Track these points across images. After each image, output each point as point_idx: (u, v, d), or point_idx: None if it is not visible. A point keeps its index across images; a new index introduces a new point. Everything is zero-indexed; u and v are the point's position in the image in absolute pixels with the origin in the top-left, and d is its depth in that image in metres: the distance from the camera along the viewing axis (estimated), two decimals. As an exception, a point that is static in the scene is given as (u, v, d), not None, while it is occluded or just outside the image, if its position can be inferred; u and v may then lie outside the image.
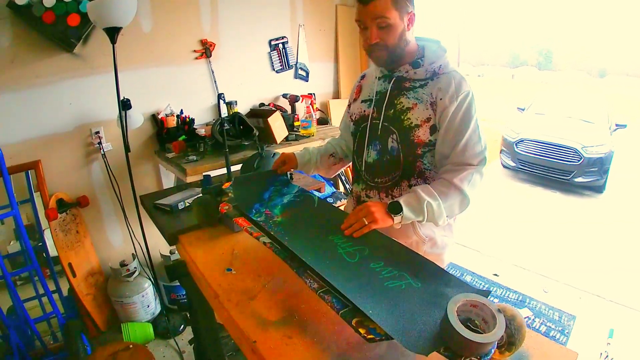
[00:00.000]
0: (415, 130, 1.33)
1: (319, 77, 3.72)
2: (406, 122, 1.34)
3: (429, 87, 1.32)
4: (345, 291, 0.98)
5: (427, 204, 1.24)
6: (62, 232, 2.57)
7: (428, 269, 1.11)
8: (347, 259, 1.15)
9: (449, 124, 1.30)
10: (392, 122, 1.37)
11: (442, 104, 1.29)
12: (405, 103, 1.35)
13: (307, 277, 1.09)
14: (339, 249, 1.19)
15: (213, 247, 1.62)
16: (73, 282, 2.56)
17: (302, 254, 1.14)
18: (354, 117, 1.52)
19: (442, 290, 1.02)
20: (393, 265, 1.10)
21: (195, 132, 2.81)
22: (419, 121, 1.32)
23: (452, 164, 1.32)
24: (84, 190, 2.74)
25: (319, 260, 1.12)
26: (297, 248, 1.18)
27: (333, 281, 1.02)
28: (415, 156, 1.37)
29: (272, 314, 1.19)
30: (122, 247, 2.95)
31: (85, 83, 2.60)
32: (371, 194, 1.50)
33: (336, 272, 1.07)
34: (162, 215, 1.97)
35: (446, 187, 1.28)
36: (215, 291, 1.32)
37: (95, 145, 2.69)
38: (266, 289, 1.32)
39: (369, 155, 1.46)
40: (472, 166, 1.30)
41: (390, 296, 0.99)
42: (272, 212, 1.41)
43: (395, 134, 1.37)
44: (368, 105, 1.45)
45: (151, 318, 2.92)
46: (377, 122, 1.40)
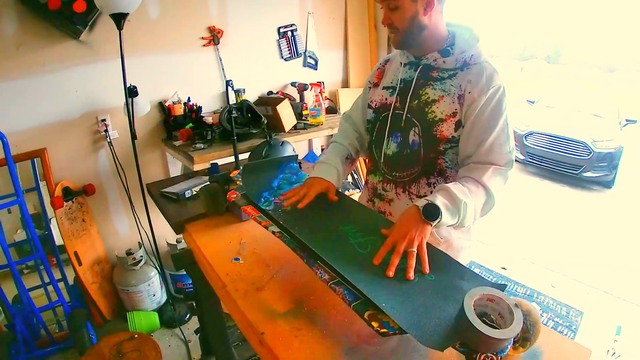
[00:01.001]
0: (439, 125, 1.24)
1: (328, 66, 3.65)
2: (430, 116, 1.25)
3: (458, 78, 1.23)
4: (357, 283, 0.95)
5: (463, 205, 1.12)
6: (68, 221, 2.55)
7: (441, 261, 1.07)
8: (359, 249, 1.11)
9: (476, 120, 1.20)
10: (415, 115, 1.28)
11: (470, 98, 1.20)
12: (430, 94, 1.26)
13: (317, 268, 1.06)
14: (351, 239, 1.16)
15: (220, 236, 1.59)
16: (79, 271, 2.55)
17: (312, 244, 1.10)
18: (374, 104, 1.42)
19: (457, 283, 0.99)
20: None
21: (202, 120, 2.78)
22: (444, 115, 1.23)
23: (476, 162, 1.22)
24: (90, 178, 2.72)
25: (329, 251, 1.08)
26: (307, 238, 1.14)
27: (344, 272, 0.99)
28: (437, 152, 1.28)
29: (281, 305, 1.17)
30: (129, 236, 2.93)
31: (92, 70, 2.56)
32: (388, 187, 1.43)
33: (348, 263, 1.04)
34: (168, 203, 1.95)
35: (475, 185, 1.18)
36: (222, 281, 1.29)
37: (102, 133, 2.66)
38: (275, 279, 1.29)
39: (389, 147, 1.37)
40: (499, 166, 1.20)
41: (404, 289, 0.96)
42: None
43: (417, 127, 1.28)
44: (390, 93, 1.36)
45: (157, 307, 2.91)
46: (401, 112, 1.31)
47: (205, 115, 2.86)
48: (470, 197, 1.14)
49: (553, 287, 3.15)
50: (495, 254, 3.65)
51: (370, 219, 1.27)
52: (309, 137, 2.95)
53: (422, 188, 1.35)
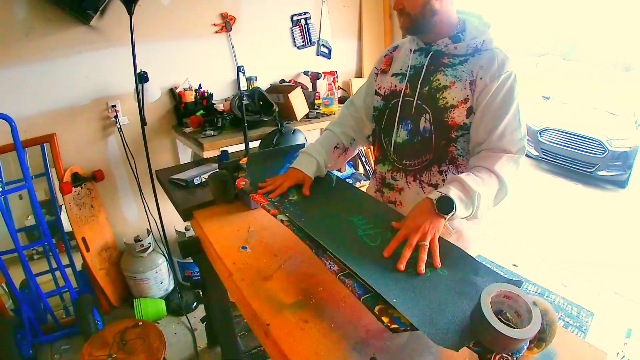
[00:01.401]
0: (451, 111, 1.22)
1: (342, 55, 3.57)
2: (441, 102, 1.23)
3: (469, 64, 1.21)
4: (368, 277, 0.92)
5: (477, 196, 1.09)
6: (77, 206, 2.55)
7: (454, 256, 1.03)
8: (369, 242, 1.08)
9: (487, 106, 1.18)
10: (426, 101, 1.26)
11: (481, 84, 1.18)
12: (442, 80, 1.24)
13: (326, 259, 1.03)
14: (360, 231, 1.12)
15: (228, 223, 1.56)
16: (86, 257, 2.55)
17: (320, 237, 1.07)
18: (383, 91, 1.40)
19: (471, 278, 0.96)
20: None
21: (213, 107, 2.75)
22: (456, 101, 1.21)
23: (488, 150, 1.20)
24: (99, 164, 2.71)
25: (338, 244, 1.05)
26: (315, 230, 1.11)
27: (353, 266, 0.96)
28: (449, 140, 1.26)
29: (288, 296, 1.14)
30: (137, 223, 2.93)
31: (102, 56, 2.54)
32: (398, 176, 1.40)
33: (357, 255, 1.01)
34: (177, 190, 1.93)
35: (487, 175, 1.16)
36: (228, 269, 1.27)
37: (112, 118, 2.65)
38: (282, 269, 1.26)
39: (399, 134, 1.34)
40: (511, 154, 1.18)
41: (415, 284, 0.92)
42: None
43: (428, 114, 1.26)
44: (400, 80, 1.34)
45: (164, 294, 2.91)
46: (411, 99, 1.29)
47: (216, 102, 2.83)
48: (484, 187, 1.12)
49: (564, 286, 3.09)
50: (506, 250, 3.59)
51: (379, 211, 1.23)
52: (321, 127, 2.89)
53: (434, 176, 1.33)
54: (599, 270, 3.33)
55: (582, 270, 3.31)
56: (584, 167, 5.60)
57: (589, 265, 3.41)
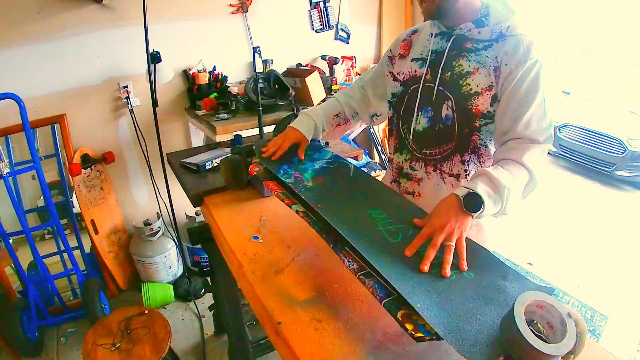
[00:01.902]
0: (475, 99, 1.17)
1: (360, 40, 3.48)
2: (465, 88, 1.18)
3: (493, 49, 1.15)
4: (390, 277, 0.85)
5: (507, 191, 1.02)
6: (86, 188, 2.52)
7: (480, 257, 0.96)
8: (389, 238, 1.00)
9: (513, 93, 1.12)
10: (449, 87, 1.20)
11: (506, 70, 1.12)
12: (465, 66, 1.18)
13: (345, 256, 0.96)
14: (379, 226, 1.05)
15: (240, 211, 1.51)
16: (95, 240, 2.52)
17: (339, 227, 1.00)
18: (402, 76, 1.34)
19: (499, 283, 0.88)
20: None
21: (227, 89, 2.69)
22: (480, 88, 1.16)
23: (515, 140, 1.14)
24: (110, 146, 2.68)
25: (357, 237, 0.98)
26: (334, 219, 1.03)
27: (376, 263, 0.89)
28: (472, 128, 1.21)
29: (301, 292, 1.08)
30: (147, 206, 2.90)
31: (114, 35, 2.49)
32: (417, 165, 1.35)
33: (377, 252, 0.93)
34: (188, 174, 1.88)
35: (516, 167, 1.09)
36: (239, 261, 1.21)
37: (123, 100, 2.61)
38: (295, 262, 1.20)
39: (418, 122, 1.29)
40: (539, 143, 1.12)
41: (440, 287, 0.85)
42: (302, 176, 1.27)
43: (451, 101, 1.20)
44: (420, 65, 1.28)
45: (172, 279, 2.88)
46: (432, 85, 1.24)
47: (230, 85, 2.77)
48: (513, 181, 1.05)
49: (579, 288, 3.00)
50: (520, 246, 3.51)
51: (399, 205, 1.16)
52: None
53: (456, 165, 1.27)
54: (612, 271, 3.24)
55: (596, 271, 3.22)
56: (602, 166, 5.42)
57: (603, 266, 3.32)
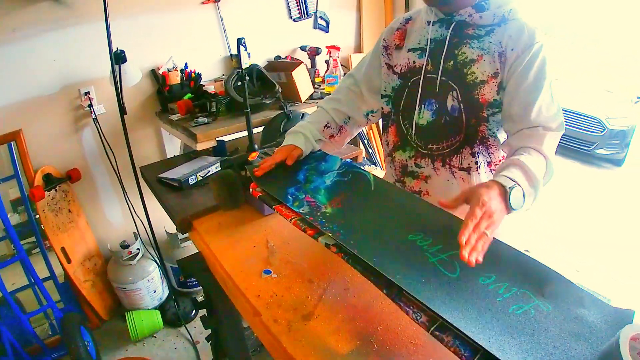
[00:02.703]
0: (481, 87, 1.11)
1: (340, 28, 3.25)
2: (470, 77, 1.12)
3: (496, 34, 1.09)
4: (472, 333, 0.66)
5: (540, 185, 0.98)
6: (52, 213, 2.23)
7: (549, 281, 0.80)
8: (447, 272, 0.80)
9: (520, 79, 1.07)
10: (452, 77, 1.14)
11: (512, 55, 1.07)
12: (468, 54, 1.12)
13: (406, 304, 0.74)
14: (430, 257, 0.84)
15: (240, 237, 1.25)
16: (68, 269, 2.26)
17: (388, 271, 0.78)
18: (399, 68, 1.25)
19: (578, 312, 0.74)
20: (506, 277, 0.79)
21: (203, 89, 2.43)
22: (485, 76, 1.10)
23: (529, 127, 1.08)
24: (74, 162, 2.39)
25: (412, 279, 0.77)
26: (373, 258, 0.82)
27: (449, 316, 0.69)
28: (479, 119, 1.15)
29: (341, 342, 0.85)
30: (122, 226, 2.62)
31: (72, 35, 2.22)
32: (423, 162, 1.27)
33: (445, 298, 0.73)
34: (169, 193, 1.62)
35: (539, 158, 1.04)
36: (254, 307, 0.96)
37: (85, 108, 2.32)
38: (324, 301, 0.96)
39: (421, 116, 1.22)
40: (552, 131, 1.08)
41: (526, 331, 0.68)
42: (317, 200, 1.04)
43: (456, 91, 1.14)
44: (419, 55, 1.20)
45: (158, 304, 2.62)
46: (434, 76, 1.17)
47: (205, 83, 2.51)
48: (542, 173, 1.01)
49: (577, 271, 2.93)
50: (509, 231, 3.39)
51: (439, 221, 0.96)
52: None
53: (466, 159, 1.21)
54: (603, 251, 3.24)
55: (588, 252, 3.21)
56: (582, 146, 5.55)
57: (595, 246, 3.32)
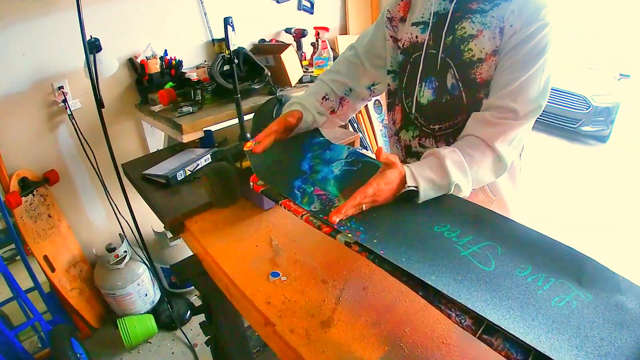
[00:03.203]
0: (478, 66, 1.03)
1: (326, 9, 3.11)
2: (466, 55, 1.04)
3: (501, 8, 1.01)
4: (517, 330, 0.59)
5: (455, 186, 0.92)
6: (31, 219, 2.08)
7: (585, 268, 0.73)
8: (481, 266, 0.72)
9: (513, 54, 0.99)
10: (450, 54, 1.07)
11: (510, 30, 0.99)
12: (467, 29, 1.04)
13: (447, 307, 0.65)
14: (461, 250, 0.75)
15: (240, 236, 1.13)
16: (52, 278, 2.11)
17: (421, 272, 0.69)
18: (403, 43, 1.17)
19: (617, 300, 0.68)
20: (542, 267, 0.72)
21: (185, 77, 2.28)
22: (483, 54, 1.02)
23: (495, 108, 1.00)
24: (51, 163, 2.23)
25: (449, 278, 0.68)
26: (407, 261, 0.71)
27: (495, 318, 0.61)
28: (479, 99, 1.06)
29: (369, 349, 0.75)
30: (107, 227, 2.48)
31: (41, 24, 2.04)
32: (427, 142, 1.21)
33: (484, 295, 0.66)
34: (155, 191, 1.48)
35: (481, 151, 0.98)
36: (265, 316, 0.84)
37: (60, 104, 2.15)
38: (343, 304, 0.86)
39: (422, 94, 1.15)
40: (518, 119, 0.99)
41: (571, 324, 0.63)
42: (327, 192, 0.93)
43: (452, 69, 1.07)
44: (422, 30, 1.13)
45: (151, 308, 2.49)
46: (435, 52, 1.09)
47: (187, 71, 2.35)
48: (469, 170, 0.95)
49: None
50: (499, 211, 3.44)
51: (466, 211, 0.88)
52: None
53: None
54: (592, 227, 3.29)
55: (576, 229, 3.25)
56: (567, 123, 5.64)
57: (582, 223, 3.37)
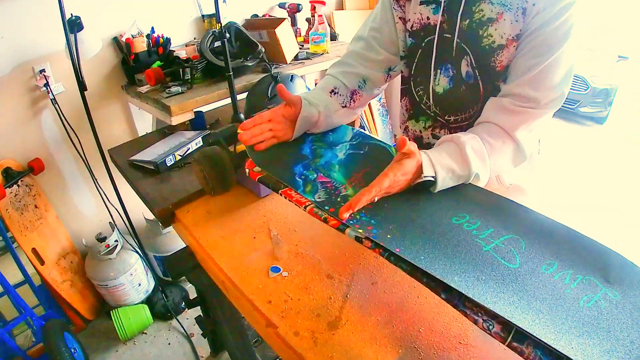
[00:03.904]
0: (498, 53, 0.92)
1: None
2: (485, 41, 0.93)
3: None
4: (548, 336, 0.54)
5: (474, 176, 0.86)
6: (17, 211, 1.98)
7: (611, 264, 0.68)
8: (504, 262, 0.65)
9: (534, 35, 0.88)
10: (467, 39, 0.96)
11: (533, 10, 0.87)
12: (486, 11, 0.92)
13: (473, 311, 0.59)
14: (483, 244, 0.68)
15: (236, 227, 1.05)
16: (42, 272, 2.03)
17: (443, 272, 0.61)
18: (412, 25, 1.05)
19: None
20: (569, 264, 0.66)
21: (173, 55, 2.16)
22: (504, 40, 0.91)
23: (514, 96, 0.92)
24: (35, 151, 2.12)
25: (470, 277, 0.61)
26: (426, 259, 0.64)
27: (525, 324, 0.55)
28: (496, 88, 0.97)
29: (380, 353, 0.68)
30: (96, 216, 2.39)
31: (19, 4, 1.91)
32: (441, 134, 1.12)
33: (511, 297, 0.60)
34: (144, 178, 1.39)
35: (501, 140, 0.92)
36: (266, 317, 0.77)
37: (42, 88, 2.03)
38: (350, 302, 0.78)
39: (438, 82, 1.05)
40: (539, 108, 0.92)
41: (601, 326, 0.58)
42: (332, 179, 0.84)
43: (469, 56, 0.97)
44: (434, 10, 1.00)
45: (145, 297, 2.42)
46: (450, 36, 0.98)
47: (176, 49, 2.23)
48: (488, 159, 0.89)
49: None
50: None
51: (485, 201, 0.82)
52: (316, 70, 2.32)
53: None
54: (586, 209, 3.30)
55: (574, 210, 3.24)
56: (566, 104, 5.60)
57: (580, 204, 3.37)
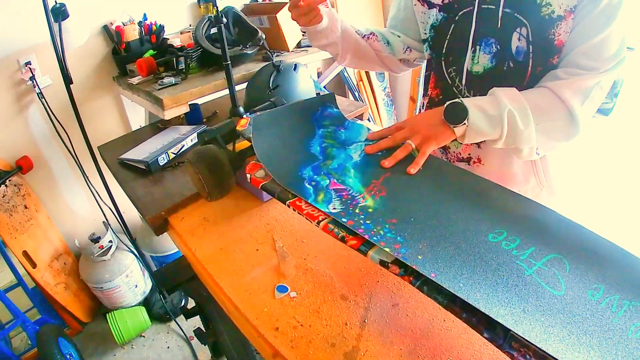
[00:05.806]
0: (557, 25, 0.82)
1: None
2: (544, 10, 0.82)
3: None
4: None
5: (508, 112, 0.79)
6: (6, 213, 1.90)
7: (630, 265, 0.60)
8: (549, 288, 0.56)
9: (592, 6, 0.79)
10: (521, 8, 0.85)
11: None
12: None
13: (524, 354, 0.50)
14: (525, 268, 0.58)
15: (236, 237, 0.94)
16: (34, 275, 1.95)
17: (487, 306, 0.52)
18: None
19: None
20: (615, 287, 0.58)
21: (167, 43, 2.05)
22: (563, 10, 0.81)
23: (570, 65, 0.84)
24: (23, 149, 2.03)
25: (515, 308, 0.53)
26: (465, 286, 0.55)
27: None
28: (549, 67, 0.87)
29: None
30: (90, 215, 2.30)
31: None
32: None
33: (561, 332, 0.51)
34: (135, 179, 1.28)
35: (547, 100, 0.83)
36: (272, 346, 0.67)
37: (27, 82, 1.94)
38: (370, 327, 0.68)
39: (476, 60, 0.94)
40: (597, 72, 0.81)
41: None
42: (348, 186, 0.73)
43: (525, 28, 0.86)
44: None
45: (142, 299, 2.34)
46: (492, 7, 0.88)
47: (170, 37, 2.11)
48: (529, 109, 0.81)
49: None
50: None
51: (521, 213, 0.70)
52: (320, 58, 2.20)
53: None
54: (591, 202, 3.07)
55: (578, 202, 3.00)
56: None
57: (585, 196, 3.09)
